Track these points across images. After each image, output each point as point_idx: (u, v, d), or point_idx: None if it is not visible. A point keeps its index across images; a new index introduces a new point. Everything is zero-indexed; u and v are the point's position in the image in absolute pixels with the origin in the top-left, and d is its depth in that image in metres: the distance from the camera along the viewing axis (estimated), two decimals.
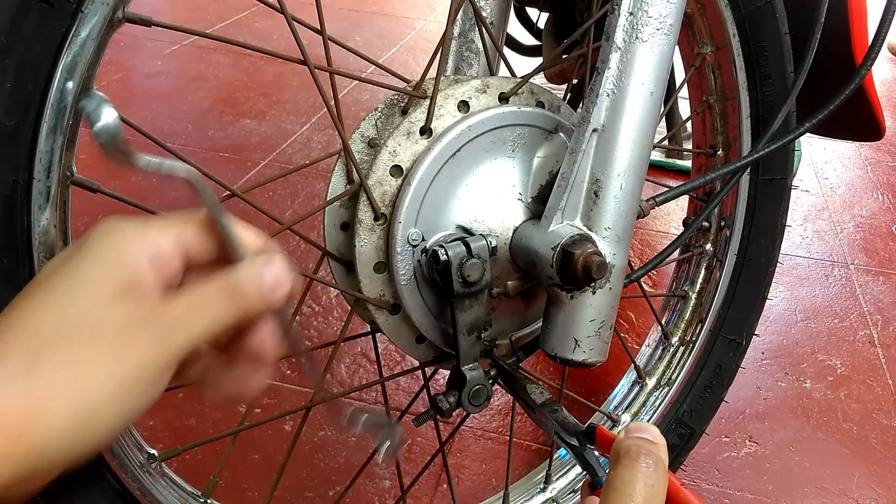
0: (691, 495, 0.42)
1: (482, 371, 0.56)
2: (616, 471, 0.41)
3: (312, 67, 0.52)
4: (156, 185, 1.59)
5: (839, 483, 1.02)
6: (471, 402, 0.55)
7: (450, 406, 0.53)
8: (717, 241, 0.86)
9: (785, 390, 1.18)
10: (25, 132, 0.40)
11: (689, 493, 0.42)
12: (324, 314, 1.26)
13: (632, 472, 0.40)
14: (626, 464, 0.40)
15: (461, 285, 0.51)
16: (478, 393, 0.55)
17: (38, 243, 0.43)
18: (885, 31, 0.67)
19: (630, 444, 0.42)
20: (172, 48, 2.35)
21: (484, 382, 0.55)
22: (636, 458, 0.40)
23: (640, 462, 0.40)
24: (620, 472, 0.40)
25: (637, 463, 0.40)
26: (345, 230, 0.58)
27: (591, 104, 0.53)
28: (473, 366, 0.55)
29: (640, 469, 0.40)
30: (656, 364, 0.91)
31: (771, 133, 0.69)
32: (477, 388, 0.55)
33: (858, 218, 1.72)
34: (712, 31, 0.76)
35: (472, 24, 0.67)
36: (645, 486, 0.39)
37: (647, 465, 0.40)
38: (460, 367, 0.55)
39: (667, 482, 0.41)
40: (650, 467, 0.40)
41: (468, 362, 0.55)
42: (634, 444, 0.41)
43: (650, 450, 0.41)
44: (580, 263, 0.51)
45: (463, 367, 0.55)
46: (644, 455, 0.40)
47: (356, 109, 2.03)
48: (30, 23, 0.39)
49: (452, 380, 0.56)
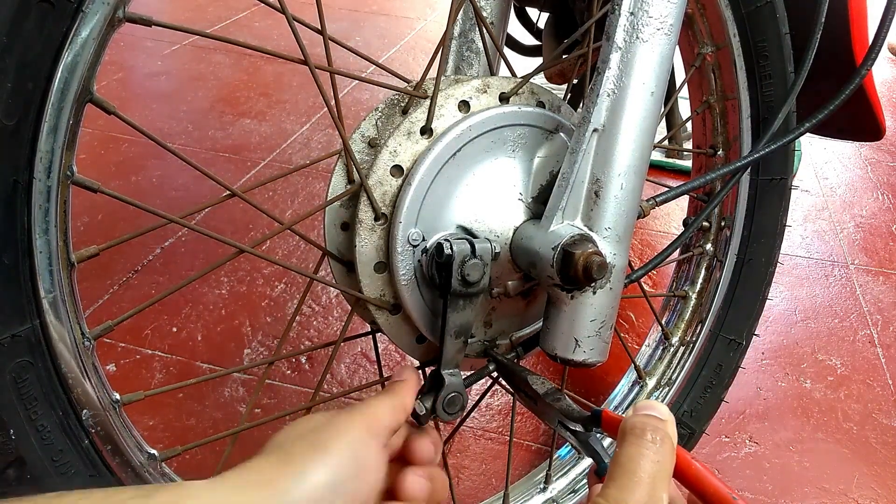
0: (703, 469, 0.41)
1: (461, 379, 0.54)
2: (622, 448, 0.40)
3: (313, 67, 0.52)
4: (156, 185, 1.60)
5: (839, 483, 1.02)
6: (445, 409, 0.54)
7: (426, 411, 0.52)
8: (718, 242, 0.86)
9: (785, 390, 1.18)
10: (26, 132, 0.40)
11: (701, 466, 0.41)
12: (324, 314, 1.26)
13: (637, 448, 0.40)
14: (632, 440, 0.40)
15: (459, 283, 0.51)
16: (453, 400, 0.54)
17: (38, 243, 0.43)
18: (886, 31, 0.67)
19: (636, 421, 0.41)
20: (172, 48, 2.35)
21: (461, 391, 0.54)
22: (641, 434, 0.40)
23: (646, 437, 0.40)
24: (626, 449, 0.40)
25: (642, 439, 0.40)
26: (345, 230, 0.58)
27: (592, 104, 0.53)
28: (454, 371, 0.54)
29: (645, 445, 0.40)
30: (656, 364, 0.91)
31: (771, 133, 0.69)
32: (453, 396, 0.54)
33: (858, 218, 1.72)
34: (713, 31, 0.76)
35: (473, 24, 0.67)
36: (651, 462, 0.39)
37: (652, 441, 0.40)
38: (440, 370, 0.54)
39: (674, 457, 0.40)
40: (656, 443, 0.40)
41: (450, 367, 0.54)
42: (640, 421, 0.41)
43: (656, 426, 0.41)
44: (580, 263, 0.50)
45: (444, 370, 0.54)
46: (650, 431, 0.40)
47: (356, 109, 2.03)
48: (30, 23, 0.39)
49: (431, 382, 0.55)
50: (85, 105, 0.43)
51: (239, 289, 1.30)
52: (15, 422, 0.44)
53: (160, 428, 1.01)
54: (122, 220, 1.42)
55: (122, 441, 0.51)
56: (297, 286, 1.32)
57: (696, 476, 0.41)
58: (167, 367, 1.12)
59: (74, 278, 0.46)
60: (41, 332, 0.44)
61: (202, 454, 0.96)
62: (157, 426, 1.01)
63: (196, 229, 0.57)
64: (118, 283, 1.28)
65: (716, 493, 0.40)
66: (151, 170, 1.65)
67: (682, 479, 0.41)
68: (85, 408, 0.48)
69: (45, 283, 0.44)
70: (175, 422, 1.02)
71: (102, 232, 1.40)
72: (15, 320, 0.43)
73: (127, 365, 1.11)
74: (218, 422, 1.02)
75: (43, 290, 0.44)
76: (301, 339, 1.21)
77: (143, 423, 1.01)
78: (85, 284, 1.26)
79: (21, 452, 0.45)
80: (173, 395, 1.05)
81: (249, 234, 1.45)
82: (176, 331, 1.19)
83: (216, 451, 0.96)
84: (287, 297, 1.29)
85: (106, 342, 1.14)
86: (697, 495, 0.41)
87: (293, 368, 1.14)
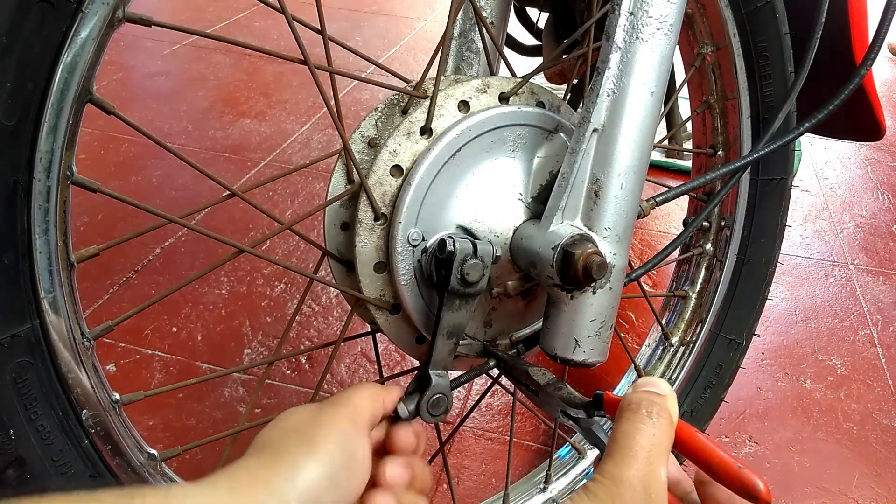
0: (707, 441, 0.41)
1: (448, 381, 0.54)
2: (618, 424, 0.40)
3: (312, 67, 0.52)
4: (156, 185, 1.59)
5: (839, 483, 1.02)
6: (429, 410, 0.53)
7: (408, 414, 0.52)
8: (718, 241, 0.86)
9: (785, 390, 1.18)
10: (26, 132, 0.40)
11: (705, 438, 0.41)
12: (324, 314, 1.26)
13: (633, 423, 0.39)
14: (628, 416, 0.40)
15: (458, 282, 0.51)
16: (438, 402, 0.53)
17: (38, 243, 0.43)
18: (885, 30, 0.67)
19: (633, 397, 0.41)
20: (172, 48, 2.35)
21: (446, 392, 0.54)
22: (637, 409, 0.40)
23: (642, 412, 0.40)
24: (622, 424, 0.40)
25: (638, 414, 0.40)
26: (345, 230, 0.58)
27: (592, 104, 0.53)
28: (441, 373, 0.54)
29: (641, 420, 0.39)
30: (656, 364, 0.91)
31: (771, 133, 0.69)
32: (438, 397, 0.53)
33: (858, 218, 1.72)
34: (712, 31, 0.76)
35: (473, 24, 0.67)
36: (646, 436, 0.39)
37: (648, 415, 0.40)
38: (428, 369, 0.53)
39: (672, 431, 0.40)
40: (651, 416, 0.39)
41: (438, 367, 0.54)
42: (637, 397, 0.41)
43: (653, 400, 0.40)
44: (580, 263, 0.50)
45: (431, 369, 0.53)
46: (646, 406, 0.40)
47: (356, 109, 2.03)
48: (30, 23, 0.39)
49: (417, 381, 0.55)
50: (85, 105, 0.43)
51: (239, 289, 1.30)
52: (15, 422, 0.44)
53: (160, 428, 1.01)
54: (122, 220, 1.42)
55: (121, 441, 0.51)
56: (297, 286, 1.32)
57: (700, 448, 0.40)
58: (167, 367, 1.12)
59: (74, 278, 0.46)
60: (41, 332, 0.44)
61: (202, 454, 0.96)
62: (157, 426, 1.01)
63: (196, 229, 0.57)
64: (118, 283, 1.28)
65: (721, 463, 0.39)
66: (151, 170, 1.65)
67: (686, 451, 0.41)
68: (85, 408, 0.48)
69: (45, 283, 0.44)
70: (175, 422, 1.02)
71: (102, 232, 1.40)
72: (15, 320, 0.43)
73: (127, 365, 1.11)
74: (218, 422, 1.02)
75: (43, 290, 0.44)
76: (301, 339, 1.21)
77: (143, 423, 1.01)
78: (85, 284, 1.26)
79: (21, 452, 0.45)
80: (173, 395, 1.05)
81: (249, 234, 1.45)
82: (176, 331, 1.19)
83: (216, 451, 0.96)
84: (287, 297, 1.29)
85: (106, 342, 1.14)
86: (702, 467, 0.41)
87: (293, 368, 1.14)
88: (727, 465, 0.39)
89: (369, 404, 0.47)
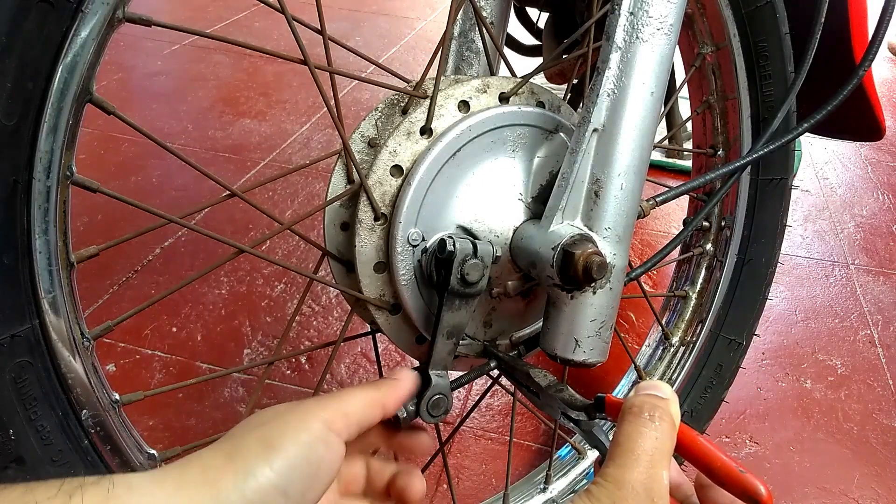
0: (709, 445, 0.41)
1: (448, 381, 0.54)
2: (620, 427, 0.40)
3: (312, 67, 0.52)
4: (156, 185, 1.59)
5: (839, 483, 1.02)
6: (429, 411, 0.53)
7: (407, 415, 0.51)
8: (718, 241, 0.86)
9: (785, 390, 1.18)
10: (25, 132, 0.40)
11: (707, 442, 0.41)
12: (324, 314, 1.26)
13: (635, 426, 0.39)
14: (630, 419, 0.40)
15: (458, 282, 0.51)
16: (438, 402, 0.53)
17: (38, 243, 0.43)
18: (884, 30, 0.67)
19: (635, 400, 0.41)
20: (172, 48, 2.35)
21: (446, 392, 0.53)
22: (639, 412, 0.40)
23: (644, 416, 0.40)
24: (624, 427, 0.40)
25: (640, 417, 0.40)
26: (345, 230, 0.58)
27: (592, 104, 0.53)
28: (441, 373, 0.53)
29: (643, 423, 0.39)
30: (656, 364, 0.91)
31: (771, 133, 0.69)
32: (438, 398, 0.53)
33: (859, 218, 1.72)
34: (712, 31, 0.76)
35: (473, 24, 0.67)
36: (649, 440, 0.39)
37: (650, 419, 0.39)
38: (428, 369, 0.53)
39: (674, 434, 0.40)
40: (654, 420, 0.39)
41: (438, 367, 0.53)
42: (639, 400, 0.41)
43: (655, 404, 0.40)
44: (580, 263, 0.50)
45: (431, 370, 0.53)
46: (648, 409, 0.40)
47: (356, 109, 2.03)
48: (30, 23, 0.39)
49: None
50: (84, 105, 0.43)
51: (239, 289, 1.30)
52: (15, 422, 0.44)
53: (160, 428, 1.01)
54: (122, 220, 1.42)
55: (121, 441, 0.51)
56: (296, 286, 1.32)
57: (702, 452, 0.40)
58: (167, 368, 1.12)
59: (74, 278, 0.46)
60: (41, 332, 0.44)
61: None
62: (156, 426, 1.01)
63: (196, 229, 0.57)
64: (118, 283, 1.28)
65: (723, 467, 0.39)
66: (151, 170, 1.65)
67: (688, 455, 0.41)
68: (84, 408, 0.48)
69: (45, 283, 0.44)
70: (175, 422, 1.02)
71: (102, 232, 1.40)
72: (15, 320, 0.43)
73: (127, 365, 1.11)
74: (218, 422, 1.02)
75: (42, 290, 0.44)
76: (301, 339, 1.21)
77: (142, 423, 1.01)
78: (85, 284, 1.26)
79: (21, 452, 0.45)
80: (173, 396, 1.05)
81: (249, 234, 1.45)
82: (176, 331, 1.19)
83: None
84: (287, 297, 1.29)
85: (106, 342, 1.14)
86: (704, 471, 0.41)
87: (293, 368, 1.14)
88: (729, 468, 0.39)
89: (360, 409, 0.45)
